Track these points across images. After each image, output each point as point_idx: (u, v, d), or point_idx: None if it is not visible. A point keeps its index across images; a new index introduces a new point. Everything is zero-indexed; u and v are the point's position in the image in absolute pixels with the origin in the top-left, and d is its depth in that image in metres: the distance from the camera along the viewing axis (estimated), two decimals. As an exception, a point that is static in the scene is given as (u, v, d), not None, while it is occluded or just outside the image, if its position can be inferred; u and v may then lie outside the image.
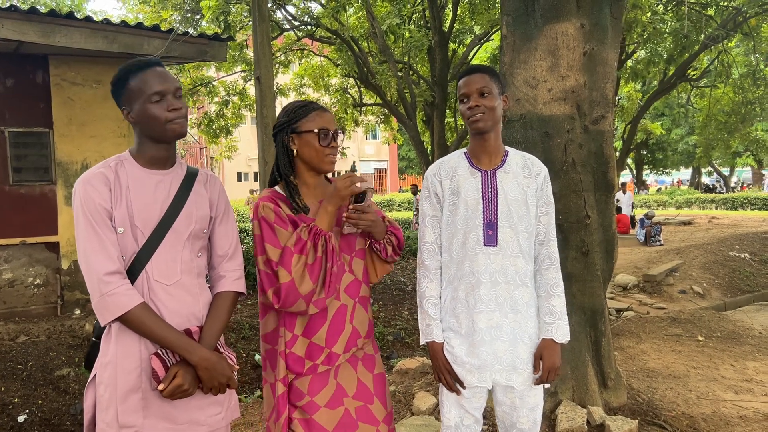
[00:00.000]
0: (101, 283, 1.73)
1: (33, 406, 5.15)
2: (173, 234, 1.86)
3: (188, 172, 1.97)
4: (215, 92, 14.18)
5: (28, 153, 7.15)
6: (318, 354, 2.09)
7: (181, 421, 1.86)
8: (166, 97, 1.83)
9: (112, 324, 1.80)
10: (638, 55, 15.08)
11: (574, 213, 3.62)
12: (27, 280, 7.16)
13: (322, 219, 2.02)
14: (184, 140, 34.04)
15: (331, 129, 2.12)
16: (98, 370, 1.83)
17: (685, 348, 5.33)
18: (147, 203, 1.84)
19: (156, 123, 1.82)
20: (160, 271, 1.84)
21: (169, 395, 1.77)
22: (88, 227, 1.76)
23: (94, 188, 1.78)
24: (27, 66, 7.08)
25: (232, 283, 1.99)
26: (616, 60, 3.70)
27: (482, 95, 2.18)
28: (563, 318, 2.24)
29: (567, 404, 3.55)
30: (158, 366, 1.77)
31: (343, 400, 2.10)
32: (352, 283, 2.16)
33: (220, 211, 2.02)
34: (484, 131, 2.21)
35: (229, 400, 2.01)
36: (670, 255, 11.79)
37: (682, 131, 30.52)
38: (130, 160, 1.88)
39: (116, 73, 1.88)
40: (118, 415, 1.78)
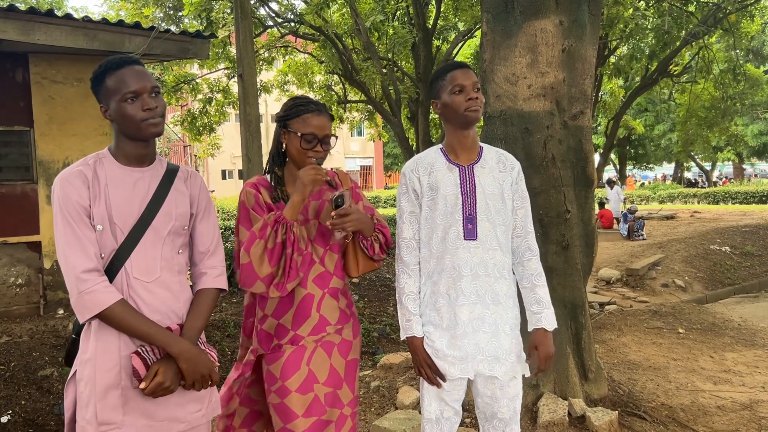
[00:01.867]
0: (78, 281, 1.73)
1: (16, 407, 5.11)
2: (152, 231, 1.86)
3: (168, 169, 1.97)
4: (199, 89, 14.10)
5: (9, 152, 7.07)
6: (284, 334, 2.22)
7: (161, 418, 1.86)
8: (142, 96, 1.83)
9: (92, 321, 1.80)
10: (621, 51, 15.20)
11: (554, 208, 3.67)
12: (9, 280, 7.10)
13: (288, 208, 2.13)
14: (168, 138, 33.84)
15: (319, 135, 2.20)
16: (78, 367, 1.83)
17: (666, 340, 5.40)
18: (126, 200, 1.84)
19: (131, 122, 1.82)
20: (140, 269, 1.84)
21: (151, 393, 1.77)
22: (66, 225, 1.77)
23: (72, 186, 1.78)
24: (6, 64, 7.00)
25: (213, 280, 1.99)
26: (594, 56, 3.75)
27: (477, 89, 2.23)
28: (550, 306, 2.32)
29: (548, 396, 3.60)
30: (139, 364, 1.78)
31: (313, 386, 2.20)
32: (321, 274, 2.26)
33: (201, 208, 2.02)
34: (474, 122, 2.26)
35: (210, 397, 2.01)
36: (652, 249, 11.93)
37: (665, 127, 30.80)
38: (108, 158, 1.88)
39: (95, 70, 1.88)
40: (97, 412, 1.78)
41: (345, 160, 43.00)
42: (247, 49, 6.91)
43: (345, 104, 15.62)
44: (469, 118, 2.23)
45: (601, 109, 17.11)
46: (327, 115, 2.27)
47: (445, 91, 2.26)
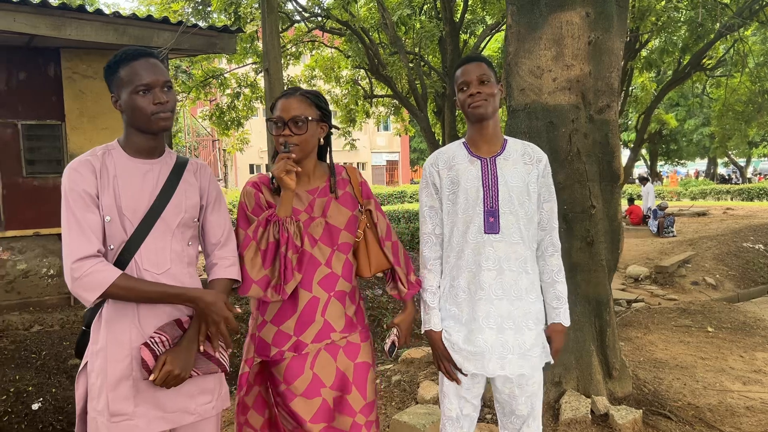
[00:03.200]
0: (72, 269, 1.73)
1: (47, 394, 5.24)
2: (162, 223, 1.87)
3: (178, 161, 1.98)
4: (227, 84, 14.20)
5: (41, 145, 7.23)
6: (285, 341, 2.11)
7: (171, 409, 1.87)
8: (154, 90, 1.84)
9: (103, 311, 1.82)
10: (652, 44, 14.90)
11: (579, 203, 3.61)
12: (41, 271, 7.26)
13: (279, 205, 2.04)
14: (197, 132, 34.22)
15: (285, 117, 2.09)
16: (89, 358, 1.84)
17: (694, 339, 5.30)
18: (135, 192, 1.84)
19: (141, 114, 1.83)
20: (150, 261, 1.84)
21: (161, 383, 1.78)
22: (69, 212, 1.77)
23: (79, 174, 1.79)
24: (39, 59, 7.15)
25: (224, 270, 1.98)
26: (621, 49, 3.68)
27: (482, 83, 2.18)
28: (567, 303, 2.33)
29: (571, 394, 3.56)
30: (148, 356, 1.78)
31: (320, 391, 2.10)
32: (327, 276, 2.14)
33: (211, 200, 2.02)
34: (484, 118, 2.21)
35: (220, 389, 2.01)
36: (683, 246, 11.72)
37: (697, 122, 30.15)
38: (118, 149, 1.89)
39: (109, 59, 1.89)
40: (109, 402, 1.79)
41: (371, 154, 43.03)
42: (274, 44, 6.93)
43: (371, 99, 15.59)
44: (473, 114, 2.20)
45: (632, 104, 16.80)
46: (300, 97, 2.13)
47: (456, 88, 2.25)
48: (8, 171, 7.04)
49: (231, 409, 4.21)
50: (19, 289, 7.15)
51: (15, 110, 7.05)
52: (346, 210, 2.20)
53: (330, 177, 2.22)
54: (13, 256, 7.12)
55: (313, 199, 2.16)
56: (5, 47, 6.93)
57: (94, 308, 1.86)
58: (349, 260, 2.20)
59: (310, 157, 2.17)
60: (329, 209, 2.16)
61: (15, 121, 7.04)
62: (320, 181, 2.20)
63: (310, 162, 2.18)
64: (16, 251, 7.14)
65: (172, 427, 1.90)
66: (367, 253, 2.23)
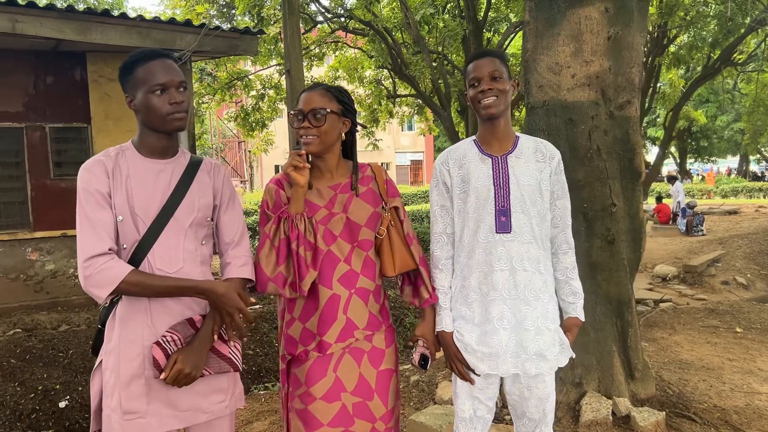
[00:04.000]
0: (84, 267, 1.75)
1: (74, 393, 5.32)
2: (175, 222, 1.88)
3: (191, 161, 1.99)
4: (251, 86, 14.32)
5: (68, 148, 7.37)
6: (310, 340, 2.10)
7: (184, 408, 1.88)
8: (169, 90, 1.85)
9: (116, 310, 1.84)
10: (680, 40, 14.65)
11: (599, 201, 3.55)
12: (68, 271, 7.40)
13: (291, 202, 2.04)
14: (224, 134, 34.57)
15: (305, 109, 2.09)
16: (103, 357, 1.86)
17: (722, 340, 5.18)
18: (148, 192, 1.86)
19: (156, 114, 1.84)
20: (163, 260, 1.85)
21: (173, 381, 1.79)
22: (81, 212, 1.79)
23: (92, 174, 1.81)
24: (66, 63, 7.29)
25: (237, 269, 1.99)
26: (642, 44, 3.61)
27: (494, 79, 2.14)
28: (582, 298, 2.31)
29: (592, 395, 3.50)
30: (159, 355, 1.79)
31: (340, 395, 2.08)
32: (347, 273, 2.11)
33: (225, 199, 2.03)
34: (495, 115, 2.17)
35: (234, 388, 2.02)
36: (712, 245, 11.49)
37: (729, 118, 29.55)
38: (131, 150, 1.91)
39: (124, 60, 1.90)
40: (122, 400, 1.80)
41: (395, 154, 43.02)
42: (295, 45, 6.96)
43: (395, 99, 15.58)
44: (483, 111, 2.16)
45: (659, 101, 16.53)
46: (321, 90, 2.13)
47: (467, 83, 2.22)
48: (37, 173, 7.19)
49: (247, 408, 4.24)
50: (47, 288, 7.30)
51: (43, 113, 7.20)
52: (368, 206, 2.17)
53: (352, 174, 2.20)
54: (42, 256, 7.27)
55: (335, 194, 2.14)
56: (33, 52, 7.08)
57: (109, 307, 1.88)
58: (371, 258, 2.16)
59: (332, 152, 2.16)
60: (350, 205, 2.14)
61: (43, 124, 7.19)
62: (343, 177, 2.19)
63: (332, 157, 2.17)
64: (44, 252, 7.28)
65: (185, 425, 1.91)
66: (391, 251, 2.17)
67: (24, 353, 5.76)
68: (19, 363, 5.58)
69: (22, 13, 6.07)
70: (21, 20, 6.05)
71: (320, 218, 2.09)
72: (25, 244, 7.20)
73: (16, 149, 7.12)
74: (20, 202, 7.17)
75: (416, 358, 2.29)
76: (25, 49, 7.00)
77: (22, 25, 6.06)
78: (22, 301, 7.16)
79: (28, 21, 6.09)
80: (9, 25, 6.01)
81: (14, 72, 7.08)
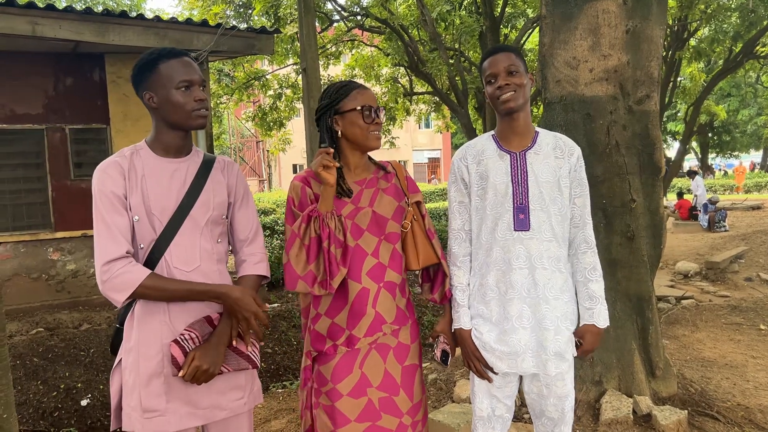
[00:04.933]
0: (101, 271, 1.76)
1: (95, 391, 5.37)
2: (191, 221, 1.88)
3: (205, 159, 2.00)
4: (269, 86, 14.36)
5: (88, 149, 7.45)
6: (339, 335, 2.10)
7: (203, 406, 1.89)
8: (193, 87, 1.87)
9: (135, 310, 1.85)
10: (701, 33, 14.41)
11: (618, 197, 3.51)
12: (89, 271, 7.48)
13: (320, 200, 2.03)
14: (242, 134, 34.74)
15: (373, 105, 2.12)
16: (123, 355, 1.87)
17: (745, 337, 5.10)
18: (163, 191, 1.86)
19: (181, 110, 1.86)
20: (180, 258, 1.86)
21: (191, 378, 1.80)
22: (98, 215, 1.80)
23: (108, 176, 1.82)
24: (85, 65, 7.37)
25: (252, 266, 2.00)
26: (662, 36, 3.55)
27: (510, 73, 2.11)
28: (603, 303, 2.19)
29: (612, 393, 3.45)
30: (177, 352, 1.80)
31: (366, 391, 2.09)
32: (375, 267, 2.12)
33: (239, 197, 2.04)
34: (514, 110, 2.14)
35: (252, 385, 2.03)
36: (735, 241, 11.30)
37: (751, 112, 29.07)
38: (145, 149, 1.91)
39: (143, 57, 1.90)
40: (142, 399, 1.82)
41: (413, 152, 42.93)
42: (311, 44, 6.96)
43: (411, 96, 15.53)
44: (502, 107, 2.14)
45: (680, 95, 16.29)
46: (369, 88, 2.19)
47: (483, 80, 2.19)
48: (57, 174, 7.27)
49: (265, 406, 4.25)
50: (68, 288, 7.39)
51: (63, 115, 7.28)
52: (393, 200, 2.18)
53: (378, 169, 2.24)
54: (63, 256, 7.35)
55: (361, 189, 2.16)
56: (53, 54, 7.16)
57: (127, 306, 1.89)
58: (398, 251, 2.18)
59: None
60: (376, 199, 2.16)
61: (63, 125, 7.27)
62: (367, 173, 2.21)
63: (365, 154, 2.21)
64: (65, 252, 7.37)
65: (204, 422, 1.92)
66: (414, 245, 2.19)
67: (46, 352, 5.83)
68: (41, 362, 5.65)
69: (41, 16, 6.13)
70: (40, 23, 6.12)
71: (347, 213, 2.11)
72: (46, 244, 7.29)
73: (37, 150, 7.22)
74: (41, 203, 7.26)
75: (438, 354, 2.28)
76: (44, 52, 7.09)
77: (42, 27, 6.13)
78: (44, 300, 7.26)
79: (47, 23, 6.15)
80: (29, 28, 6.08)
81: (34, 74, 7.16)
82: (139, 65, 1.90)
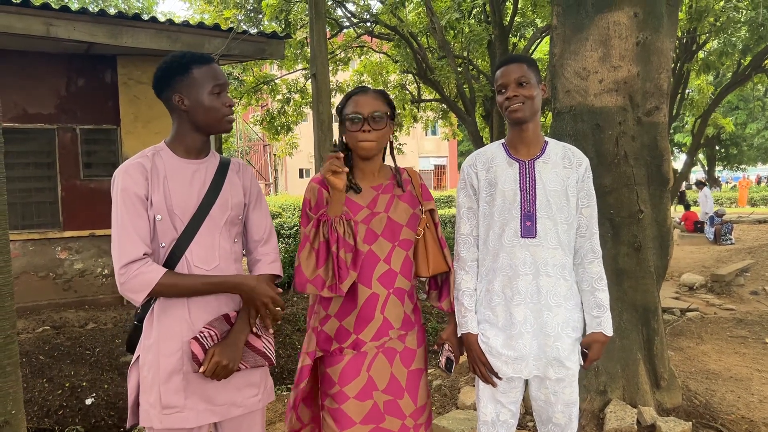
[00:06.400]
0: (120, 275, 1.80)
1: (99, 390, 5.41)
2: (210, 221, 1.92)
3: (221, 161, 2.04)
4: (277, 90, 14.42)
5: (98, 149, 7.51)
6: (346, 338, 2.13)
7: (220, 402, 1.92)
8: (224, 93, 1.93)
9: (155, 308, 1.88)
10: (710, 46, 14.41)
11: (626, 207, 3.52)
12: (96, 271, 7.52)
13: (330, 205, 2.06)
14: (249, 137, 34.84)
15: (364, 113, 2.10)
16: (141, 353, 1.90)
17: (750, 350, 5.09)
18: (184, 191, 1.90)
19: (213, 113, 1.91)
20: (200, 257, 1.90)
21: (210, 374, 1.84)
22: (117, 216, 1.84)
23: (131, 177, 1.85)
24: (97, 66, 7.43)
25: (267, 266, 2.05)
26: (671, 49, 3.57)
27: (520, 85, 2.14)
28: (609, 311, 2.22)
29: (617, 403, 3.46)
30: (197, 349, 1.84)
31: (372, 394, 2.12)
32: (386, 272, 2.15)
33: (253, 198, 2.09)
34: (522, 121, 2.17)
35: (266, 383, 2.07)
36: (741, 254, 11.28)
37: (759, 125, 29.00)
38: (166, 150, 1.95)
39: (172, 60, 1.92)
40: (161, 396, 1.85)
41: (419, 159, 42.98)
42: (321, 49, 7.00)
43: (419, 103, 15.57)
44: (511, 117, 2.17)
45: (687, 107, 16.28)
46: (374, 93, 2.16)
47: (495, 89, 2.23)
48: (67, 174, 7.33)
49: (270, 408, 4.26)
50: (75, 287, 7.43)
51: (74, 115, 7.34)
52: (408, 207, 2.21)
53: (395, 174, 2.26)
54: (71, 255, 7.40)
55: (377, 195, 2.18)
56: (66, 55, 7.23)
57: (146, 304, 1.92)
58: (409, 257, 2.20)
59: (379, 155, 2.21)
60: (392, 205, 2.18)
61: (74, 125, 7.33)
62: (384, 178, 2.24)
63: (378, 159, 2.22)
64: (73, 251, 7.41)
65: (221, 419, 1.95)
66: (426, 252, 2.22)
67: (52, 350, 5.87)
68: (47, 360, 5.69)
69: (56, 17, 6.20)
70: (55, 24, 6.19)
71: (362, 218, 2.13)
72: (54, 243, 7.34)
73: (48, 150, 7.27)
74: (51, 202, 7.32)
75: (443, 362, 2.31)
76: (58, 53, 7.15)
77: (56, 28, 6.20)
78: (51, 299, 7.30)
79: (61, 25, 6.22)
80: (43, 29, 6.14)
81: (47, 74, 7.23)
82: (166, 68, 1.92)
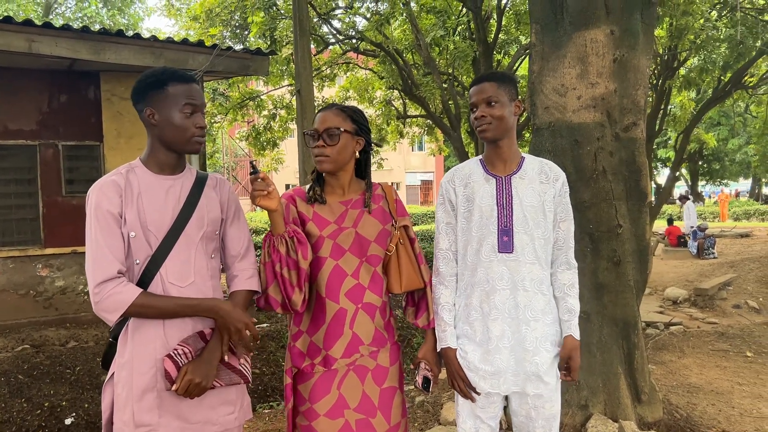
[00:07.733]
0: (94, 294, 1.79)
1: (80, 410, 5.32)
2: (185, 237, 1.91)
3: (198, 176, 2.03)
4: (263, 106, 14.44)
5: (80, 165, 7.46)
6: (316, 354, 2.13)
7: (194, 420, 1.90)
8: (196, 113, 1.91)
9: (129, 325, 1.86)
10: (691, 63, 14.63)
11: (605, 222, 3.55)
12: (78, 288, 7.44)
13: (271, 225, 2.06)
14: (235, 153, 34.78)
15: (319, 129, 2.14)
16: (116, 370, 1.88)
17: (731, 363, 5.13)
18: (159, 207, 1.89)
19: (181, 132, 1.89)
20: (174, 274, 1.89)
21: (183, 392, 1.82)
22: (91, 234, 1.83)
23: (104, 195, 1.84)
24: (80, 82, 7.40)
25: (244, 281, 2.03)
26: (648, 66, 3.63)
27: (489, 104, 2.17)
28: (577, 318, 2.25)
29: (598, 418, 3.46)
30: (170, 367, 1.82)
31: (343, 412, 2.10)
32: (354, 287, 2.15)
33: (231, 213, 2.07)
34: (492, 140, 2.21)
35: (242, 400, 2.05)
36: (723, 268, 11.38)
37: (740, 141, 29.43)
38: (140, 167, 1.94)
39: (151, 74, 1.91)
40: (134, 414, 1.83)
41: (406, 174, 43.09)
42: (305, 66, 7.04)
43: (405, 119, 15.66)
44: (480, 136, 2.21)
45: (670, 123, 16.49)
46: (335, 110, 2.17)
47: (470, 106, 2.26)
48: (49, 190, 7.27)
49: (251, 427, 4.22)
50: (56, 305, 7.34)
51: (56, 131, 7.30)
52: (378, 223, 2.21)
53: (365, 191, 2.24)
54: (52, 273, 7.32)
55: (345, 210, 2.19)
56: (48, 71, 7.20)
57: (122, 321, 1.90)
58: (378, 273, 2.20)
59: (345, 170, 2.20)
60: (360, 221, 2.18)
61: (56, 141, 7.29)
62: (354, 194, 2.24)
63: (345, 175, 2.21)
64: (54, 268, 7.34)
65: None
66: (398, 268, 2.20)
67: (31, 369, 5.78)
68: (26, 379, 5.60)
69: (38, 33, 6.19)
70: (37, 40, 6.17)
71: (329, 233, 2.14)
72: (35, 260, 7.26)
73: (29, 166, 7.22)
74: (32, 219, 7.25)
75: (419, 381, 2.29)
76: (40, 69, 7.12)
77: (38, 45, 6.18)
78: (31, 317, 7.20)
79: (44, 41, 6.20)
80: (26, 45, 6.12)
81: (29, 90, 7.19)
82: (145, 81, 1.91)
